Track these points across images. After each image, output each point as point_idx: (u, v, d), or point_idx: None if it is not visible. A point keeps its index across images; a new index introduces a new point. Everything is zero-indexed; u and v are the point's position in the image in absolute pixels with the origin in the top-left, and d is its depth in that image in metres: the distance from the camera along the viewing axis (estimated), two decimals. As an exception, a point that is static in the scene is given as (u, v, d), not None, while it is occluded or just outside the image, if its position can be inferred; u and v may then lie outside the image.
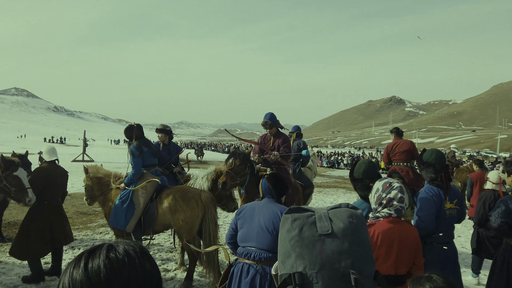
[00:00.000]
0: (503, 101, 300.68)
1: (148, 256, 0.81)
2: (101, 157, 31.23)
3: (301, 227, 0.88)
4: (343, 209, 0.93)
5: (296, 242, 0.85)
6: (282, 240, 0.91)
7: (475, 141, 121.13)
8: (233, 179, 4.56)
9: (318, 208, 0.95)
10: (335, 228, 0.87)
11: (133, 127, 5.21)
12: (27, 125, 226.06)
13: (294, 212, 0.92)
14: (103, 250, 0.77)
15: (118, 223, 4.92)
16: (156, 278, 0.80)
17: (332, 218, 0.89)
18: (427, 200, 3.34)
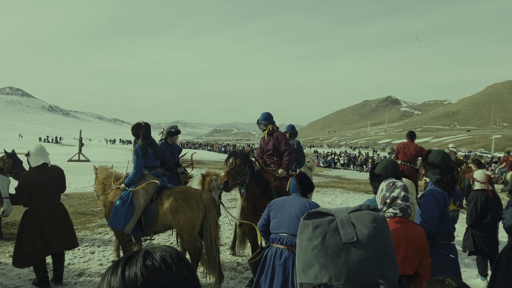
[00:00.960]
0: (497, 101, 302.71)
1: (185, 262, 0.80)
2: (97, 156, 31.09)
3: (324, 235, 0.84)
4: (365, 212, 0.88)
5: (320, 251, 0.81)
6: (302, 247, 0.87)
7: (470, 141, 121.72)
8: (234, 179, 4.51)
9: (338, 211, 0.91)
10: (360, 235, 0.83)
11: (141, 126, 5.13)
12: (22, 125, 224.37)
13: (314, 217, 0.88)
14: (140, 257, 0.77)
15: (117, 224, 4.92)
16: (193, 285, 0.79)
17: (355, 223, 0.85)
18: (431, 202, 3.31)
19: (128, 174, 5.16)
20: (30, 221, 4.61)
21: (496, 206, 5.43)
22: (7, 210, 4.49)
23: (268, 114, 5.53)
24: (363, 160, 36.93)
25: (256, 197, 4.79)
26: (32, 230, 4.59)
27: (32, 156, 4.75)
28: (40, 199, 4.66)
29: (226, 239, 7.45)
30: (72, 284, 4.89)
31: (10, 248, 6.22)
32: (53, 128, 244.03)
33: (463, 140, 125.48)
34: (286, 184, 5.11)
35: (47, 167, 4.82)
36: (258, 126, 5.62)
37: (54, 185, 4.83)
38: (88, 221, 8.42)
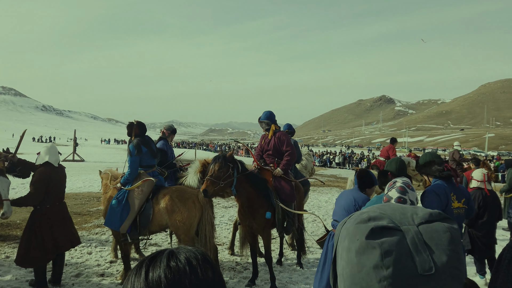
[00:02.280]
0: (490, 100, 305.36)
1: (210, 264, 0.77)
2: (92, 156, 30.93)
3: (396, 265, 0.65)
4: (440, 227, 0.69)
5: (391, 285, 0.64)
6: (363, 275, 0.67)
7: (464, 140, 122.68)
8: (215, 184, 4.46)
9: (403, 219, 0.71)
10: (438, 263, 0.65)
11: (133, 124, 5.11)
12: (15, 125, 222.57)
13: (380, 235, 0.68)
14: (164, 258, 0.74)
15: (112, 223, 4.87)
16: (218, 287, 0.76)
17: (430, 244, 0.67)
18: (433, 198, 3.36)
19: (124, 174, 5.12)
20: (40, 220, 4.56)
21: (494, 205, 5.45)
22: (7, 212, 4.33)
23: (270, 112, 5.46)
24: (358, 159, 37.07)
25: (250, 197, 4.76)
26: (42, 230, 4.54)
27: (50, 155, 4.72)
28: (52, 198, 4.67)
29: (224, 238, 7.43)
30: (70, 285, 4.84)
31: (5, 249, 6.14)
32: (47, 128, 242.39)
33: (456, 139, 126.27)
34: (285, 184, 5.12)
35: (59, 166, 4.85)
36: (260, 124, 5.53)
37: (62, 183, 4.88)
38: (84, 221, 8.35)
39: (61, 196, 4.85)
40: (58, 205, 4.77)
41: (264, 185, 4.89)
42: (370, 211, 0.75)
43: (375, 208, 0.76)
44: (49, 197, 4.64)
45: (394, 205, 0.77)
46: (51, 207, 4.66)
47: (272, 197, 4.94)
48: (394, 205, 0.77)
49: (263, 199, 4.85)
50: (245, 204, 4.80)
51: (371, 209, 0.76)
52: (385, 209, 0.75)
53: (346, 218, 0.80)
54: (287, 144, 5.30)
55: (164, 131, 6.39)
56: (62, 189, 4.87)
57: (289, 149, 5.27)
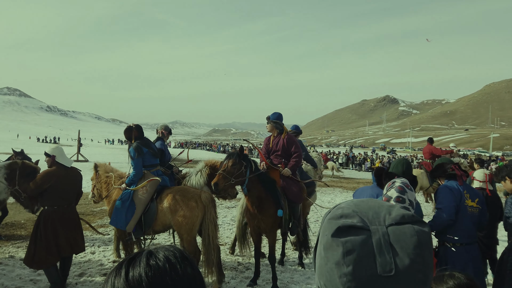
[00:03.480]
0: (495, 100, 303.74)
1: (189, 261, 0.79)
2: (96, 157, 31.03)
3: (357, 264, 0.67)
4: (409, 230, 0.70)
5: (350, 282, 0.66)
6: (328, 268, 0.70)
7: (468, 140, 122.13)
8: (226, 180, 4.54)
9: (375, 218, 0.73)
10: (400, 265, 0.67)
11: (132, 128, 5.19)
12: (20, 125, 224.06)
13: (346, 234, 0.70)
14: (143, 257, 0.76)
15: (118, 223, 4.94)
16: (198, 282, 0.78)
17: (395, 245, 0.68)
18: (446, 193, 3.48)
19: (129, 175, 5.19)
20: (46, 222, 4.51)
21: (495, 206, 5.43)
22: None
23: (280, 114, 5.53)
24: (361, 160, 37.02)
25: (260, 196, 4.81)
26: (47, 231, 4.49)
27: (58, 156, 4.69)
28: (59, 200, 4.60)
29: (226, 238, 7.46)
30: (73, 284, 4.89)
31: (10, 248, 6.21)
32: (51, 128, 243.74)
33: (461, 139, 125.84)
34: (292, 185, 5.19)
35: (67, 168, 4.75)
36: (272, 124, 5.43)
37: (72, 186, 4.77)
38: (88, 221, 8.40)
39: (70, 198, 4.75)
40: (66, 207, 4.68)
41: (273, 185, 4.94)
42: (346, 207, 0.76)
43: (352, 204, 0.77)
44: (56, 198, 4.57)
45: (372, 203, 0.77)
46: (58, 208, 4.59)
47: (281, 197, 4.98)
48: (372, 203, 0.77)
49: (272, 200, 4.91)
50: (255, 203, 4.84)
51: (347, 205, 0.77)
52: (361, 206, 0.76)
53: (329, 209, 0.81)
54: (296, 146, 5.38)
55: (162, 131, 6.49)
56: (73, 192, 4.77)
57: (297, 151, 5.36)
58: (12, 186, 5.70)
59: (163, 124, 6.89)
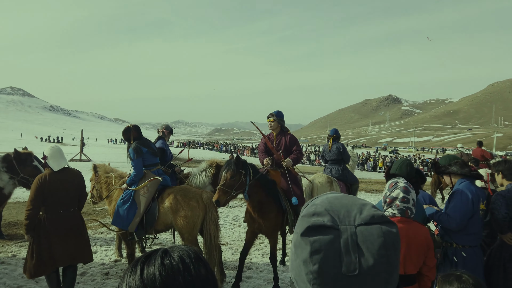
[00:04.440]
0: (499, 100, 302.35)
1: (203, 262, 0.81)
2: (99, 156, 31.12)
3: (323, 263, 0.70)
4: (376, 231, 0.72)
5: (315, 279, 0.70)
6: (296, 263, 0.74)
7: (471, 140, 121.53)
8: (227, 194, 4.38)
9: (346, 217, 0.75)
10: (364, 265, 0.69)
11: (130, 129, 5.18)
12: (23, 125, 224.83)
13: (315, 233, 0.72)
14: (158, 256, 0.78)
15: (120, 222, 4.94)
16: (211, 283, 0.79)
17: (362, 245, 0.71)
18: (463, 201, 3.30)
19: (130, 175, 5.19)
20: (38, 229, 4.19)
21: None
22: None
23: (282, 112, 5.52)
24: (364, 159, 36.94)
25: (261, 200, 4.73)
26: (40, 240, 4.18)
27: (50, 159, 4.29)
28: (52, 206, 4.22)
29: (228, 238, 7.45)
30: (75, 283, 4.90)
31: (12, 247, 6.23)
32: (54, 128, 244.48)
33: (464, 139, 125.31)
34: (295, 187, 5.12)
35: (62, 171, 4.35)
36: (277, 120, 5.38)
37: (68, 190, 4.33)
38: (89, 220, 8.42)
39: (66, 203, 4.31)
40: (62, 213, 4.27)
41: (273, 187, 4.85)
42: (319, 204, 0.78)
43: (326, 201, 0.79)
44: (48, 204, 4.21)
45: (345, 200, 0.79)
46: (51, 215, 4.22)
47: (282, 199, 4.91)
48: (346, 200, 0.79)
49: (273, 202, 4.83)
50: (256, 208, 4.76)
51: (321, 202, 0.79)
52: (334, 204, 0.78)
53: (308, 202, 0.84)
54: (298, 145, 5.44)
55: (163, 131, 6.51)
56: (69, 196, 4.33)
57: (299, 150, 5.38)
58: (17, 175, 5.81)
59: (165, 123, 6.91)
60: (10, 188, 6.07)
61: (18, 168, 5.88)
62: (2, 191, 6.06)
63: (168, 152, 6.22)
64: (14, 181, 5.85)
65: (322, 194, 0.86)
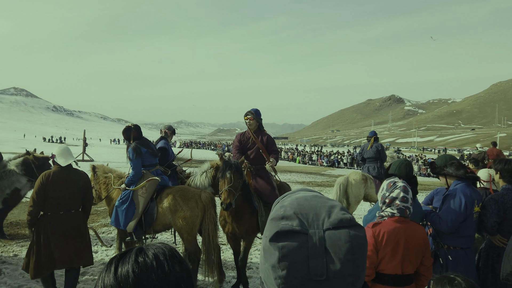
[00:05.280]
0: (502, 100, 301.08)
1: (178, 259, 0.81)
2: (101, 156, 31.20)
3: (290, 268, 0.71)
4: (344, 235, 0.72)
5: (283, 284, 0.71)
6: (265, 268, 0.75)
7: (474, 140, 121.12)
8: (233, 195, 4.20)
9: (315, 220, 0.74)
10: (331, 270, 0.70)
11: (131, 128, 5.18)
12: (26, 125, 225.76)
13: (283, 239, 0.73)
14: (132, 254, 0.78)
15: (118, 223, 4.95)
16: (186, 280, 0.80)
17: (330, 249, 0.71)
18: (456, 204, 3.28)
19: (128, 175, 5.20)
20: (38, 229, 4.14)
21: None
22: None
23: (258, 110, 5.36)
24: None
25: (238, 203, 4.47)
26: (39, 240, 4.11)
27: (58, 156, 4.26)
28: (53, 205, 4.14)
29: (228, 238, 7.45)
30: (75, 283, 4.92)
31: (14, 247, 6.26)
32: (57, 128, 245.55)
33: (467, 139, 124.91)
34: (264, 184, 4.92)
35: (68, 170, 4.29)
36: (256, 118, 5.21)
37: (72, 190, 4.24)
38: (91, 220, 8.45)
39: (69, 204, 4.22)
40: (63, 214, 4.17)
41: (246, 187, 4.64)
42: (288, 207, 0.78)
43: (295, 204, 0.78)
44: (50, 203, 4.14)
45: (314, 202, 0.79)
46: (51, 215, 4.14)
47: (254, 199, 4.73)
48: (315, 202, 0.79)
49: (246, 203, 4.66)
50: (232, 211, 4.58)
51: (290, 204, 0.78)
52: (304, 207, 0.78)
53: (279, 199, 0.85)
54: (275, 144, 5.34)
55: (165, 131, 6.52)
56: (72, 196, 4.24)
57: (276, 149, 5.25)
58: (35, 178, 5.93)
59: (167, 124, 6.95)
60: (26, 190, 6.48)
61: (36, 171, 6.20)
62: (19, 193, 6.48)
63: (170, 152, 6.24)
64: (32, 183, 6.11)
65: (291, 192, 0.85)
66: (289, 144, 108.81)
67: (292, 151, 52.07)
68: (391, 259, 2.52)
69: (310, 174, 25.22)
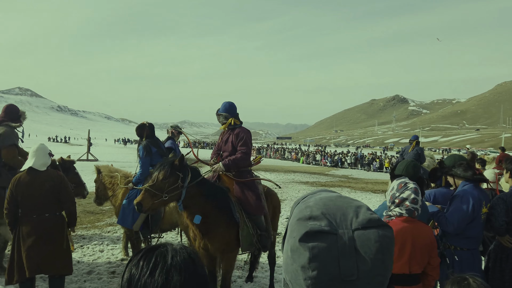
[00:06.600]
0: (507, 100, 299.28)
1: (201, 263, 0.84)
2: (106, 156, 31.32)
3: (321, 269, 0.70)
4: (373, 235, 0.73)
5: (313, 285, 0.71)
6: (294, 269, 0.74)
7: (479, 140, 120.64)
8: (156, 197, 3.51)
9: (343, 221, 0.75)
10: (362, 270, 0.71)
11: (145, 126, 5.25)
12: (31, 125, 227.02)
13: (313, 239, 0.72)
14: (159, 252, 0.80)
15: (125, 222, 4.99)
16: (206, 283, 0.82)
17: (360, 249, 0.72)
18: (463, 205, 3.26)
19: (136, 174, 5.23)
20: (15, 233, 3.89)
21: None
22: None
23: (230, 104, 4.48)
24: (370, 160, 36.80)
25: (204, 213, 3.76)
26: (13, 244, 3.87)
27: (35, 156, 3.95)
28: (27, 209, 3.86)
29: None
30: (82, 281, 4.96)
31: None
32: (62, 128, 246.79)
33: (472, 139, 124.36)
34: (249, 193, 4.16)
35: (34, 172, 3.91)
36: (217, 118, 4.52)
37: (44, 193, 3.89)
38: (97, 220, 8.51)
39: (40, 208, 3.89)
40: (36, 218, 3.85)
41: (223, 196, 3.96)
42: (314, 207, 0.77)
43: (320, 204, 0.78)
44: (22, 207, 3.87)
45: (340, 202, 0.79)
46: (26, 220, 3.86)
47: (235, 210, 3.98)
48: (340, 202, 0.79)
49: (221, 214, 3.89)
50: None
51: (316, 204, 0.78)
52: (330, 207, 0.77)
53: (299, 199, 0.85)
54: (244, 142, 4.29)
55: (172, 131, 6.57)
56: (42, 200, 3.88)
57: (243, 149, 4.27)
58: None
59: (174, 124, 7.00)
60: None
61: None
62: None
63: (178, 152, 6.29)
64: None
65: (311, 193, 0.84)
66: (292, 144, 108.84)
67: (296, 151, 52.10)
68: (398, 259, 2.52)
69: (314, 174, 25.20)
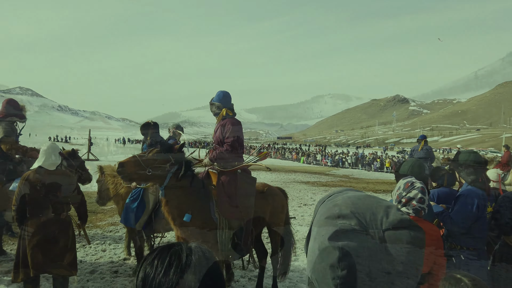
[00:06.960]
0: (507, 100, 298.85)
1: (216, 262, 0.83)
2: (106, 156, 31.31)
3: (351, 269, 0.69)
4: (405, 237, 0.72)
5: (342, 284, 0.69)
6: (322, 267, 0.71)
7: (480, 140, 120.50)
8: (138, 168, 3.50)
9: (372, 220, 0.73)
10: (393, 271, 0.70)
11: (150, 125, 5.28)
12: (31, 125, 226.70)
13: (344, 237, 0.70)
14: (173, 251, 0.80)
15: (128, 220, 4.99)
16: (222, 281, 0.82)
17: (391, 251, 0.70)
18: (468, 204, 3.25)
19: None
20: (21, 232, 3.89)
21: None
22: None
23: (224, 93, 4.25)
24: (371, 160, 36.79)
25: (181, 208, 3.69)
26: (19, 242, 3.89)
27: (45, 155, 4.00)
28: (34, 208, 3.88)
29: (235, 237, 7.46)
30: (85, 281, 4.95)
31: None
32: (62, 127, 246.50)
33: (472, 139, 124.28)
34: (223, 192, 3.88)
35: (47, 171, 3.97)
36: (210, 107, 4.27)
37: (52, 192, 3.93)
38: (98, 219, 8.51)
39: (47, 207, 3.91)
40: (42, 217, 3.87)
41: (204, 194, 3.84)
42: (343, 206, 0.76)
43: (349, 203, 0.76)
44: (29, 206, 3.88)
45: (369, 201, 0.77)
46: (32, 218, 3.87)
47: (213, 210, 3.83)
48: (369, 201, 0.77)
49: (200, 213, 3.76)
50: (173, 214, 3.73)
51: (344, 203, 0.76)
52: (359, 206, 0.76)
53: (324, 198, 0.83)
54: (232, 132, 4.04)
55: (174, 130, 6.56)
56: (49, 199, 3.90)
57: (229, 141, 4.00)
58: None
59: (176, 123, 6.98)
60: None
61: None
62: None
63: None
64: None
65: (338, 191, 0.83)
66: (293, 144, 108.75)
67: (296, 151, 52.08)
68: None
69: (315, 174, 25.18)
